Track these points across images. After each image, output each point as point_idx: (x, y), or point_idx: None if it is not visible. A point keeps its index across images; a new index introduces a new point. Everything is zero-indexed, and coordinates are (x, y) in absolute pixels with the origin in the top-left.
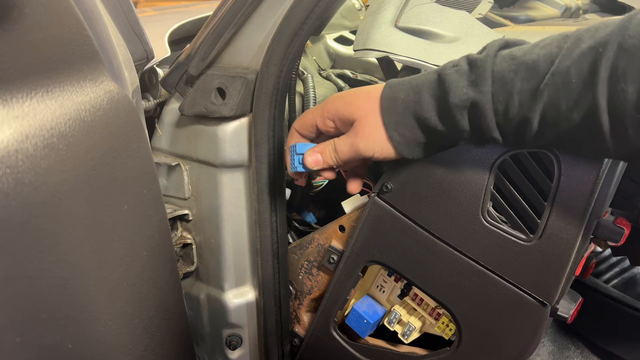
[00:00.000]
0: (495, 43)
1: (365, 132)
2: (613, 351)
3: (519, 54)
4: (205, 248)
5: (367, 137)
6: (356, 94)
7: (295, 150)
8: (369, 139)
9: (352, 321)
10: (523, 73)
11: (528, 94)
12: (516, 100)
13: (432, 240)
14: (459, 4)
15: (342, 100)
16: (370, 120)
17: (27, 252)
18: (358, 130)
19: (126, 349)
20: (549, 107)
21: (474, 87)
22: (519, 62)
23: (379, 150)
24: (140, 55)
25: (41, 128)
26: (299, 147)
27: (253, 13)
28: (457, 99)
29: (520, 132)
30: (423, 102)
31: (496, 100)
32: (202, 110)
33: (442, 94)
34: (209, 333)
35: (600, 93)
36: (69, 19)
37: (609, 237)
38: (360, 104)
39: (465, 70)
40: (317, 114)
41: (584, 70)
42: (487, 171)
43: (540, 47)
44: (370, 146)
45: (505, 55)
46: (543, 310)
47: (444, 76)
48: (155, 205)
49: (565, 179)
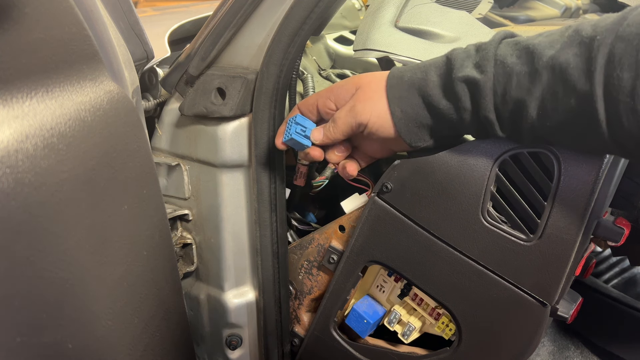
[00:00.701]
0: (502, 32)
1: (365, 96)
2: (613, 351)
3: (522, 39)
4: (205, 248)
5: (366, 100)
6: (360, 76)
7: (294, 120)
8: (368, 102)
9: (352, 321)
10: (524, 57)
11: (527, 77)
12: (514, 81)
13: (432, 240)
14: (459, 4)
15: (345, 80)
16: (372, 87)
17: (27, 252)
18: (359, 95)
19: (126, 349)
20: (547, 92)
21: (477, 68)
22: (521, 47)
23: (376, 117)
24: (140, 55)
25: (41, 128)
26: (299, 117)
27: (253, 13)
28: (460, 74)
29: (517, 116)
30: (429, 80)
31: (496, 82)
32: (202, 110)
33: (448, 71)
34: (209, 333)
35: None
36: (69, 19)
37: (609, 237)
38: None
39: (472, 53)
40: (320, 94)
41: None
42: (487, 171)
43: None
44: (367, 109)
45: (510, 42)
46: (543, 310)
47: (452, 56)
48: (155, 205)
49: (565, 179)
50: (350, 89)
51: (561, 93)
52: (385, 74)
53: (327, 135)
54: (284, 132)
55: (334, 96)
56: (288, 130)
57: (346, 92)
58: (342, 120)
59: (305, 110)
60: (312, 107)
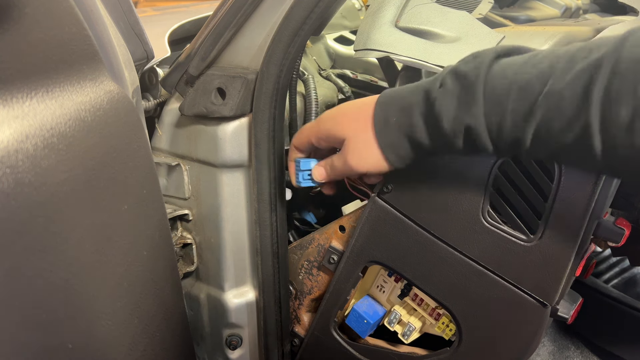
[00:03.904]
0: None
1: (356, 150)
2: (613, 351)
3: (510, 73)
4: (205, 248)
5: (359, 155)
6: (345, 114)
7: (298, 167)
8: (361, 157)
9: (352, 321)
10: (515, 94)
11: (521, 115)
12: (508, 121)
13: (433, 240)
14: (459, 4)
15: (332, 120)
16: (360, 138)
17: (27, 252)
18: (348, 149)
19: (126, 348)
20: (542, 128)
21: (466, 109)
22: (511, 82)
23: (373, 167)
24: (140, 55)
25: (41, 128)
26: (302, 163)
27: (253, 13)
28: (449, 125)
29: (515, 148)
30: (415, 126)
31: (489, 121)
32: (202, 110)
33: (434, 120)
34: (209, 333)
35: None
36: (69, 19)
37: (609, 237)
38: (348, 124)
39: (454, 90)
40: (312, 132)
41: (578, 92)
42: (487, 172)
43: (531, 65)
44: (362, 164)
45: (497, 74)
46: (543, 311)
47: (433, 100)
48: (155, 205)
49: (565, 180)
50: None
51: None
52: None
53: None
54: (294, 173)
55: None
56: (297, 176)
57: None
58: (339, 170)
59: (301, 147)
60: (308, 145)
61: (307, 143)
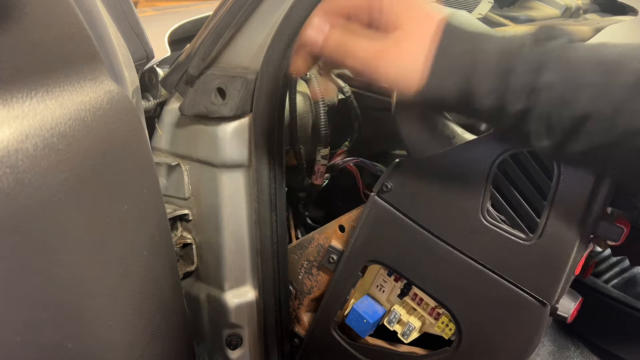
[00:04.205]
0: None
1: (403, 49)
2: (613, 351)
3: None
4: (205, 248)
5: (403, 56)
6: (420, 7)
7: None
8: (402, 59)
9: (352, 321)
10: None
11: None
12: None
13: (432, 239)
14: (459, 4)
15: (405, 1)
16: (418, 40)
17: (27, 252)
18: (395, 40)
19: (126, 348)
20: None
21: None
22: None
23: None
24: (140, 55)
25: (41, 128)
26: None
27: (253, 13)
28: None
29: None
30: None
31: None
32: (202, 110)
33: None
34: (209, 333)
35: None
36: (69, 18)
37: (608, 236)
38: (409, 15)
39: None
40: None
41: None
42: (487, 170)
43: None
44: (395, 66)
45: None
46: (543, 310)
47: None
48: (155, 205)
49: (565, 178)
50: (395, 20)
51: None
52: (434, 21)
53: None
54: (303, 59)
55: (379, 9)
56: None
57: (388, 20)
58: (352, 55)
59: (331, 16)
60: (342, 12)
61: (343, 9)
